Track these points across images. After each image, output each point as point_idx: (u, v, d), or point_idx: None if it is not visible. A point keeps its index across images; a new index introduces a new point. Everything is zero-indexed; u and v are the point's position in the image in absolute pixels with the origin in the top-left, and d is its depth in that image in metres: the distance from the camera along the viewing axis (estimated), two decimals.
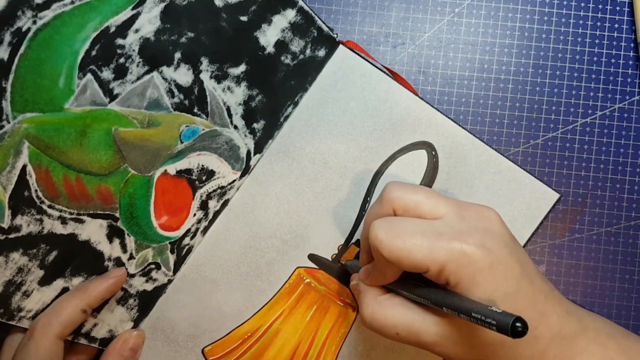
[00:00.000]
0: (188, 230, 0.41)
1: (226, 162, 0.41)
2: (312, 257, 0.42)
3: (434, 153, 0.41)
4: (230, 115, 0.40)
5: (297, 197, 0.42)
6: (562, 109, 0.43)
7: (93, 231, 0.37)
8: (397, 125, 0.42)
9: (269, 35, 0.39)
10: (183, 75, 0.37)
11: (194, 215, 0.41)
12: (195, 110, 0.38)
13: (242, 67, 0.39)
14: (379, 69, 0.42)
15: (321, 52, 0.41)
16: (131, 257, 0.39)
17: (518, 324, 0.26)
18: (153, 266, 0.41)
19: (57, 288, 0.37)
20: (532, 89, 0.43)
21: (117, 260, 0.39)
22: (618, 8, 0.43)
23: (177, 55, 0.37)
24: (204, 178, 0.40)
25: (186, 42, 0.37)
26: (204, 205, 0.41)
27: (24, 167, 0.33)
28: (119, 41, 0.34)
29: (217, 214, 0.42)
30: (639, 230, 0.43)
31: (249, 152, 0.41)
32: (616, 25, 0.43)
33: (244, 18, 0.38)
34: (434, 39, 0.44)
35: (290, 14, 0.39)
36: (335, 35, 0.41)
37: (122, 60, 0.35)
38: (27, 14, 0.31)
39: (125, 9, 0.34)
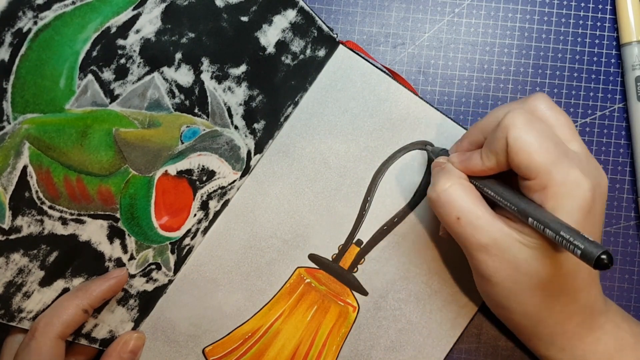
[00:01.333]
0: (188, 231, 0.41)
1: (226, 163, 0.41)
2: (313, 257, 0.42)
3: None
4: (230, 116, 0.40)
5: (297, 197, 0.42)
6: (562, 109, 0.43)
7: (94, 232, 0.37)
8: (397, 125, 0.42)
9: (269, 36, 0.39)
10: (184, 76, 0.37)
11: (195, 215, 0.41)
12: (196, 110, 0.38)
13: (243, 68, 0.39)
14: (379, 69, 0.42)
15: (321, 52, 0.41)
16: (132, 258, 0.39)
17: (604, 257, 0.25)
18: (153, 266, 0.41)
19: (58, 289, 0.37)
20: (532, 89, 0.43)
21: (117, 260, 0.39)
22: None
23: (178, 55, 0.36)
24: (204, 178, 0.40)
25: (187, 43, 0.36)
26: (204, 206, 0.41)
27: (25, 168, 0.33)
28: (120, 42, 0.34)
29: (217, 214, 0.42)
30: (638, 230, 0.43)
31: (249, 152, 0.41)
32: (616, 25, 0.43)
33: (244, 18, 0.38)
34: (434, 39, 0.44)
35: (291, 14, 0.39)
36: (335, 35, 0.41)
37: (122, 60, 0.35)
38: (28, 14, 0.31)
39: (126, 10, 0.34)
